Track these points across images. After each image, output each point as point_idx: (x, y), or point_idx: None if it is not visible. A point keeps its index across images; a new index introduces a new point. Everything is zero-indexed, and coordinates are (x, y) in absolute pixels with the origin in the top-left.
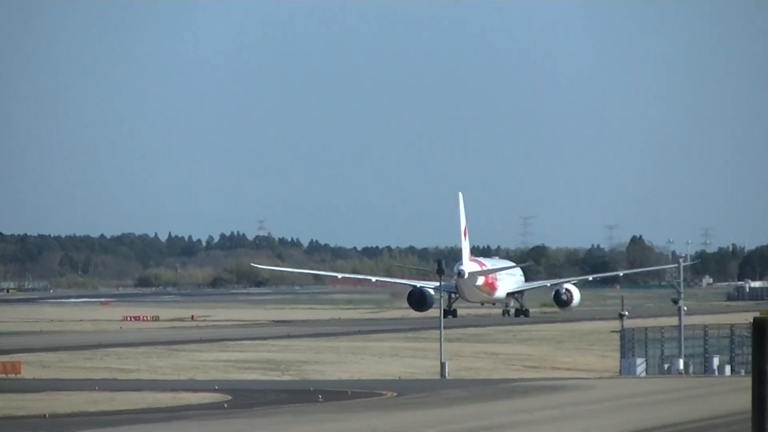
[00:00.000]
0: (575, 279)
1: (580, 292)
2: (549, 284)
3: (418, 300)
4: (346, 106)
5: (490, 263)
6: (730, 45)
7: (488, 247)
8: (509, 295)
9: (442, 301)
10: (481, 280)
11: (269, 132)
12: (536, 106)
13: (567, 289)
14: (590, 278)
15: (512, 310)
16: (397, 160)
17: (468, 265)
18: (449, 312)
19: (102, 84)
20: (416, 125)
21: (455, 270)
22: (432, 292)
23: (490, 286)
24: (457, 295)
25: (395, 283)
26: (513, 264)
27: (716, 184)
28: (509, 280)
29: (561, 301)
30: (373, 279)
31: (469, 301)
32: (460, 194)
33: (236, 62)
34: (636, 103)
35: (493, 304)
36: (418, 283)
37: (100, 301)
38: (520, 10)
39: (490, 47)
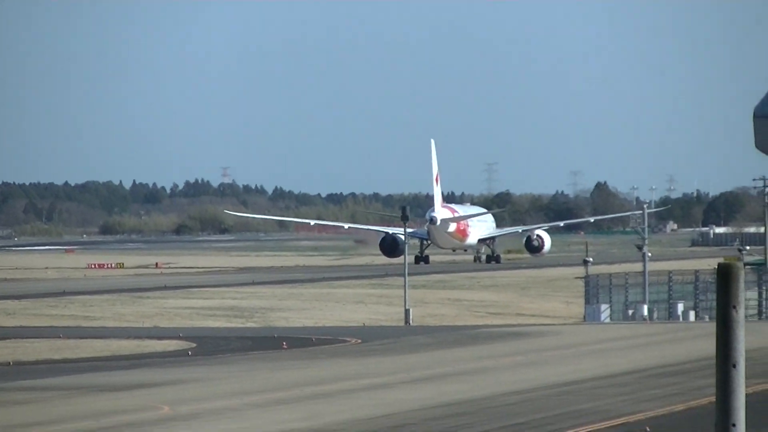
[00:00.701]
0: (546, 225)
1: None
2: (521, 230)
3: (390, 246)
4: (310, 52)
5: (462, 210)
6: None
7: (452, 193)
8: (481, 241)
9: (407, 248)
10: (453, 227)
11: (232, 79)
12: (501, 53)
13: (538, 235)
14: (562, 224)
15: (484, 257)
16: (361, 106)
17: (440, 211)
18: (421, 258)
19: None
20: (379, 72)
21: (427, 216)
22: (404, 238)
23: (462, 233)
24: (429, 242)
25: (369, 230)
26: (485, 210)
27: (680, 130)
28: (481, 226)
29: (532, 247)
30: (346, 226)
31: (441, 248)
32: (432, 141)
33: (201, 13)
34: (601, 49)
35: (465, 250)
36: (391, 230)
37: (65, 249)
38: None
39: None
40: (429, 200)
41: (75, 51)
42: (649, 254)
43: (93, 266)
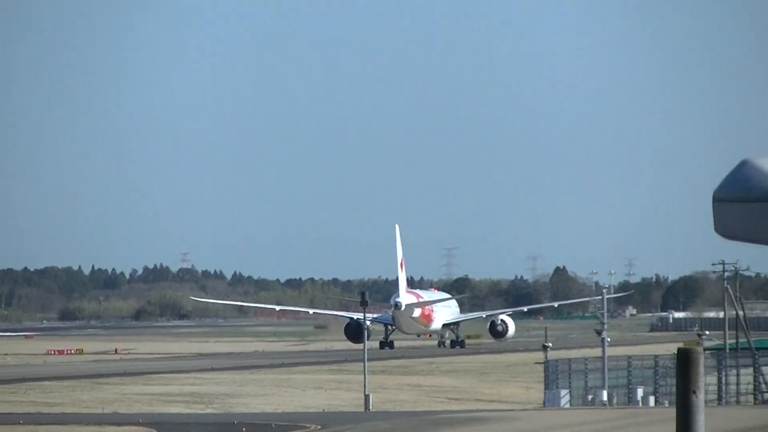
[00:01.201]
0: (510, 310)
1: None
2: (485, 315)
3: (355, 331)
4: (266, 137)
5: (426, 295)
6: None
7: (411, 278)
8: (445, 326)
9: (366, 333)
10: (417, 312)
11: (191, 164)
12: (457, 138)
13: (502, 320)
14: (525, 309)
15: (448, 342)
16: (320, 192)
17: (405, 297)
18: (386, 343)
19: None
20: (338, 157)
21: (392, 302)
22: (369, 323)
23: (427, 318)
24: (394, 327)
25: (333, 315)
26: (449, 296)
27: (639, 213)
28: (445, 311)
29: (496, 332)
30: (311, 311)
31: (405, 333)
32: (397, 226)
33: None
34: (555, 132)
35: (429, 335)
36: (356, 315)
37: (24, 335)
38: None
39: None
40: (389, 285)
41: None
42: (609, 339)
43: (52, 352)
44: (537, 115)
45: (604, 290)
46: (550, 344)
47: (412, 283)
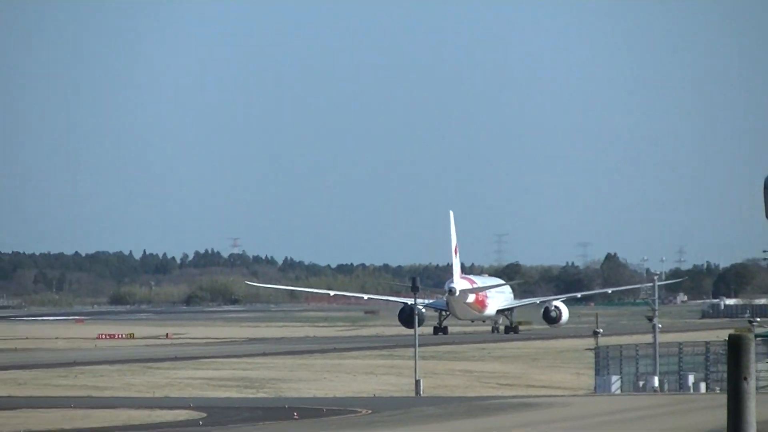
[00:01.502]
0: (563, 296)
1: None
2: (538, 301)
3: (410, 317)
4: (320, 122)
5: (480, 281)
6: (704, 57)
7: (462, 264)
8: (499, 312)
9: (417, 318)
10: (471, 298)
11: (243, 149)
12: (510, 124)
13: (556, 306)
14: (579, 296)
15: (502, 327)
16: (370, 177)
17: (459, 282)
18: (440, 329)
19: (73, 100)
20: (388, 143)
21: (446, 287)
22: (423, 309)
23: (481, 304)
24: (448, 313)
25: (388, 300)
26: (503, 282)
27: (691, 201)
28: (499, 297)
29: (550, 318)
30: (365, 297)
31: (459, 319)
32: (451, 212)
33: (209, 77)
34: (610, 121)
35: (483, 321)
36: (410, 301)
37: (75, 319)
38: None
39: (465, 63)
40: (439, 271)
41: (81, 121)
42: (660, 325)
43: (103, 336)
44: (587, 103)
45: (655, 277)
46: (601, 330)
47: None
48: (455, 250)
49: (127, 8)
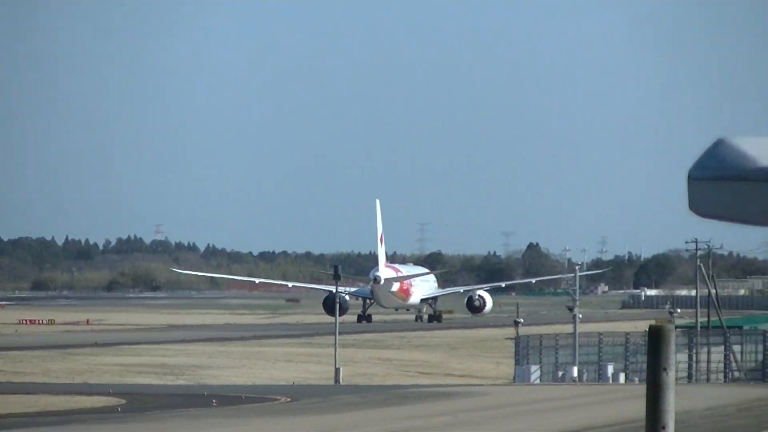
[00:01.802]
0: (487, 286)
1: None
2: (462, 290)
3: (334, 305)
4: (244, 108)
5: (405, 270)
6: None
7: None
8: (423, 301)
9: (337, 306)
10: (396, 287)
11: (166, 134)
12: (433, 113)
13: (480, 296)
14: (503, 285)
15: (425, 316)
16: (293, 164)
17: (384, 271)
18: (364, 317)
19: None
20: (312, 131)
21: (371, 276)
22: (347, 297)
23: (405, 292)
24: (372, 301)
25: (313, 288)
26: (427, 270)
27: (612, 192)
28: (423, 286)
29: (474, 307)
30: (290, 284)
31: (384, 307)
32: (378, 201)
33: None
34: (529, 110)
35: (408, 310)
36: (334, 288)
37: None
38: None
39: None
40: (361, 259)
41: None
42: (580, 316)
43: (24, 322)
44: (512, 95)
45: (577, 267)
46: (522, 320)
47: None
48: (381, 238)
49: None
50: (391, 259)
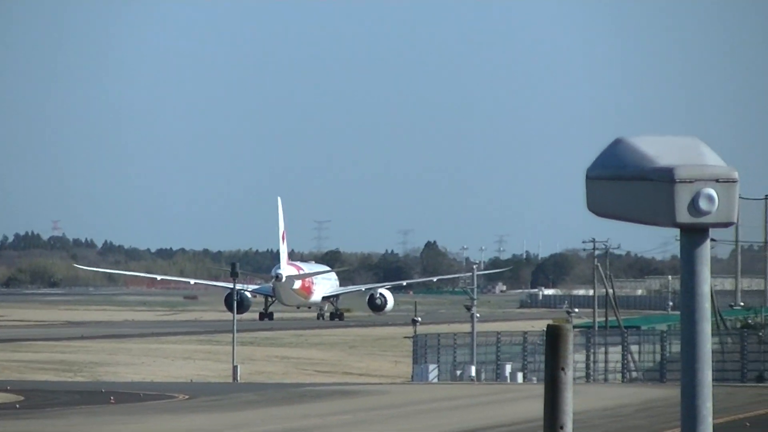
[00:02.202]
0: (389, 284)
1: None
2: (364, 288)
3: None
4: (141, 100)
5: (307, 267)
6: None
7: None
8: (325, 299)
9: (235, 304)
10: (298, 284)
11: (62, 130)
12: (329, 105)
13: (381, 294)
14: (404, 284)
15: (327, 314)
16: (191, 161)
17: (286, 268)
18: (266, 315)
19: None
20: (212, 127)
21: (273, 273)
22: (249, 294)
23: (307, 290)
24: (274, 299)
25: (216, 285)
26: (329, 268)
27: (511, 190)
28: (325, 284)
29: (375, 305)
30: (192, 281)
31: (285, 305)
32: (279, 199)
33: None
34: (432, 105)
35: (309, 308)
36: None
37: None
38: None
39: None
40: (258, 257)
41: None
42: (478, 315)
43: None
44: (411, 91)
45: (474, 266)
46: (420, 319)
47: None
48: (283, 236)
49: None
50: (290, 256)
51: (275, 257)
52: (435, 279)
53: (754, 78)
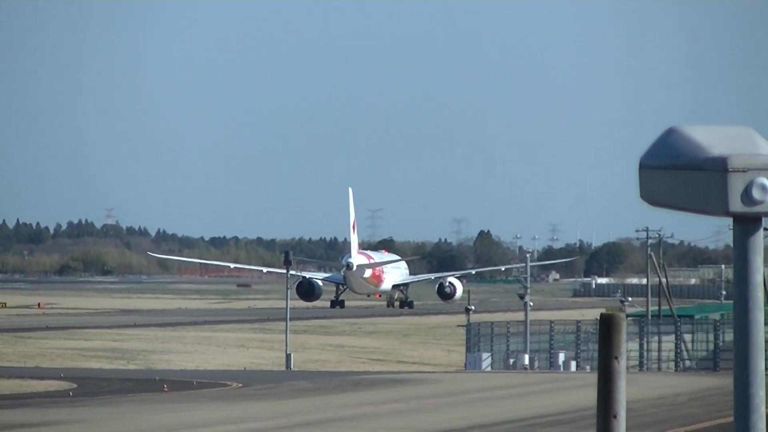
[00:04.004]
0: (458, 273)
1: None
2: (433, 277)
3: (307, 291)
4: (196, 91)
5: (377, 256)
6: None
7: (335, 239)
8: (395, 287)
9: (288, 293)
10: (368, 273)
11: (118, 119)
12: (385, 99)
13: (450, 282)
14: (473, 272)
15: (397, 303)
16: (244, 150)
17: (356, 257)
18: (337, 302)
19: None
20: (267, 117)
21: (344, 262)
22: (320, 283)
23: (377, 279)
24: (345, 287)
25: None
26: (399, 258)
27: (564, 179)
28: (395, 272)
29: (444, 294)
30: (264, 270)
31: (356, 293)
32: (350, 189)
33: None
34: (482, 96)
35: (379, 296)
36: (308, 275)
37: None
38: None
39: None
40: (311, 245)
41: None
42: (531, 303)
43: None
44: (464, 82)
45: (528, 255)
46: (473, 307)
47: (335, 244)
48: (353, 225)
49: None
50: (343, 245)
51: (328, 246)
52: (503, 268)
53: None
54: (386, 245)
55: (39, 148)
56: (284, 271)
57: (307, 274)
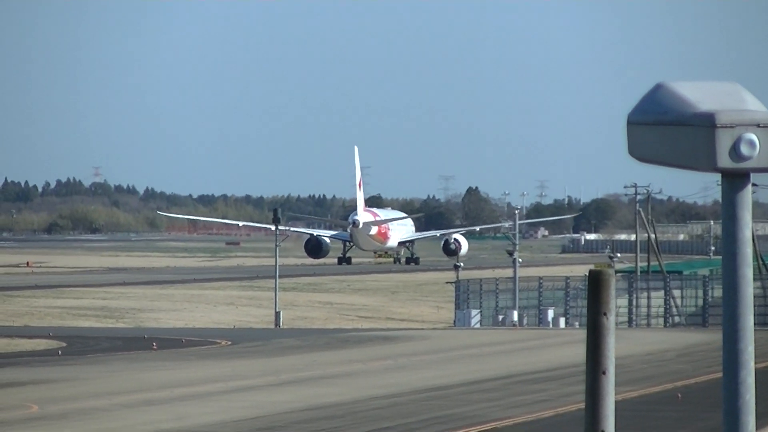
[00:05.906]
0: (463, 229)
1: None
2: (438, 234)
3: (315, 248)
4: (184, 48)
5: (383, 214)
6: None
7: (323, 196)
8: (401, 244)
9: (277, 251)
10: (374, 230)
11: (103, 77)
12: (375, 57)
13: (455, 239)
14: (477, 229)
15: (403, 259)
16: (231, 106)
17: (362, 215)
18: (344, 259)
19: None
20: (251, 70)
21: (350, 220)
22: (328, 240)
23: (383, 236)
24: (352, 244)
25: (295, 231)
26: (405, 215)
27: (552, 135)
28: (401, 230)
29: (449, 250)
30: (272, 227)
31: (363, 250)
32: (356, 148)
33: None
34: (468, 52)
35: (386, 252)
36: (316, 232)
37: None
38: None
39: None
40: (300, 203)
41: None
42: (520, 260)
43: None
44: (451, 40)
45: (516, 211)
46: (462, 264)
47: (323, 201)
48: (359, 183)
49: None
50: (331, 202)
51: (316, 203)
52: (507, 224)
53: None
54: (374, 202)
55: (27, 107)
56: (293, 229)
57: (315, 232)
